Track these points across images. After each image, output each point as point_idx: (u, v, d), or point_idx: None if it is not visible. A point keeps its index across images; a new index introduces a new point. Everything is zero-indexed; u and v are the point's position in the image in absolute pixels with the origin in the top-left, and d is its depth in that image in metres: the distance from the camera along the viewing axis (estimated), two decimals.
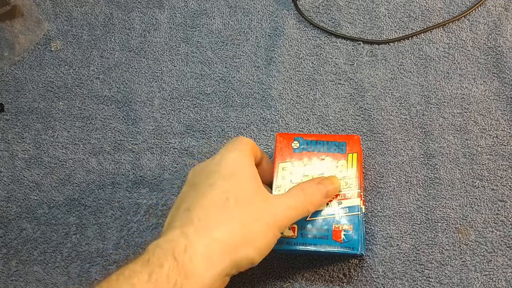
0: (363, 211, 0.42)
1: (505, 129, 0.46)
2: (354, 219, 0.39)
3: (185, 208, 0.33)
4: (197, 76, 0.52)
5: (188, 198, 0.34)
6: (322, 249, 0.38)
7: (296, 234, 0.39)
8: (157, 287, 0.28)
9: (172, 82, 0.52)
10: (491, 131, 0.46)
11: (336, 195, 0.40)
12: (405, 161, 0.46)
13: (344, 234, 0.39)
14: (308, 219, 0.39)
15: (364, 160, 0.46)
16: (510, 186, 0.43)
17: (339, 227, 0.39)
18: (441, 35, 0.51)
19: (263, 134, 0.48)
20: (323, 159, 0.41)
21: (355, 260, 0.42)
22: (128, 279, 0.28)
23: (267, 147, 0.48)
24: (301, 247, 0.39)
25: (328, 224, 0.39)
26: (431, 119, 0.47)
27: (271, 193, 0.39)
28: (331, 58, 0.51)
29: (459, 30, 0.51)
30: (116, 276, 0.29)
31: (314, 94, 0.50)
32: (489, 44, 0.50)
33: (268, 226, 0.34)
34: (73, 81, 0.53)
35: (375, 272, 0.41)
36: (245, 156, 0.36)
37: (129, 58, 0.53)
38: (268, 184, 0.41)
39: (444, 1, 0.52)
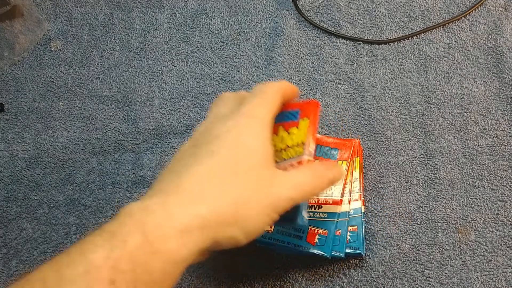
0: (363, 211, 0.42)
1: (505, 129, 0.46)
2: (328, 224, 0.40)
3: (176, 171, 0.30)
4: (197, 76, 0.52)
5: (184, 159, 0.31)
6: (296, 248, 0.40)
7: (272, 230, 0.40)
8: (116, 267, 0.25)
9: (172, 82, 0.52)
10: (491, 131, 0.46)
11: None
12: (405, 161, 0.46)
13: (318, 238, 0.40)
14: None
15: (364, 160, 0.46)
16: (510, 186, 0.43)
17: (315, 230, 0.40)
18: (441, 35, 0.51)
19: None
20: None
21: (355, 260, 0.42)
22: (86, 253, 0.25)
23: None
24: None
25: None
26: (431, 119, 0.47)
27: None
28: (331, 58, 0.51)
29: (459, 30, 0.51)
30: (75, 248, 0.26)
31: (314, 94, 0.50)
32: (489, 44, 0.50)
33: (263, 207, 0.30)
34: (73, 81, 0.53)
35: (375, 272, 0.41)
36: (263, 125, 0.32)
37: (129, 58, 0.53)
38: None
39: (444, 1, 0.52)
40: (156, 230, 0.26)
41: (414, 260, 0.42)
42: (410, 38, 0.51)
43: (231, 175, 0.30)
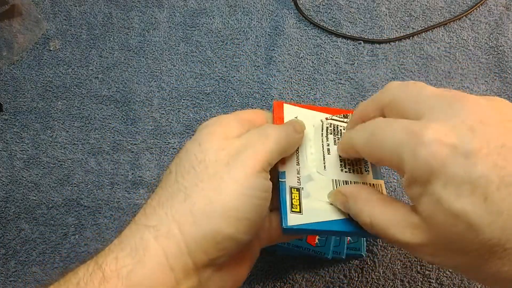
0: None
1: None
2: None
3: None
4: (197, 75, 0.51)
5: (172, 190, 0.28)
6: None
7: None
8: None
9: (172, 81, 0.51)
10: None
11: None
12: None
13: (318, 239, 0.39)
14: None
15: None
16: None
17: None
18: (442, 35, 0.51)
19: None
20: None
21: (356, 261, 0.42)
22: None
23: None
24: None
25: None
26: None
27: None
28: (331, 57, 0.51)
29: (460, 30, 0.51)
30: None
31: (314, 94, 0.49)
32: (490, 44, 0.49)
33: (224, 181, 0.25)
34: (72, 81, 0.52)
35: (375, 273, 0.41)
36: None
37: (128, 58, 0.53)
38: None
39: (445, 0, 0.52)
40: (106, 257, 0.24)
41: (415, 261, 0.41)
42: (411, 38, 0.51)
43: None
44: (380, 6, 0.53)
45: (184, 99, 0.50)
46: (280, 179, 0.30)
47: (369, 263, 0.42)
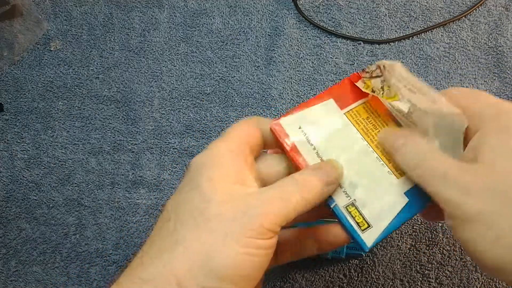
0: None
1: None
2: None
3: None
4: (197, 76, 0.52)
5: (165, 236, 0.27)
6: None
7: None
8: None
9: (172, 82, 0.52)
10: None
11: None
12: None
13: None
14: None
15: None
16: None
17: None
18: (441, 35, 0.51)
19: None
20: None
21: (355, 260, 0.42)
22: None
23: None
24: None
25: None
26: None
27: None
28: (331, 58, 0.51)
29: (459, 30, 0.51)
30: None
31: (314, 94, 0.50)
32: (489, 44, 0.50)
33: (226, 238, 0.24)
34: (73, 81, 0.53)
35: (375, 273, 0.41)
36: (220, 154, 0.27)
37: (129, 58, 0.53)
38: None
39: (444, 0, 0.52)
40: None
41: (414, 260, 0.41)
42: (410, 38, 0.51)
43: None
44: (380, 7, 0.53)
45: (184, 99, 0.51)
46: (330, 206, 0.28)
47: (369, 263, 0.42)
